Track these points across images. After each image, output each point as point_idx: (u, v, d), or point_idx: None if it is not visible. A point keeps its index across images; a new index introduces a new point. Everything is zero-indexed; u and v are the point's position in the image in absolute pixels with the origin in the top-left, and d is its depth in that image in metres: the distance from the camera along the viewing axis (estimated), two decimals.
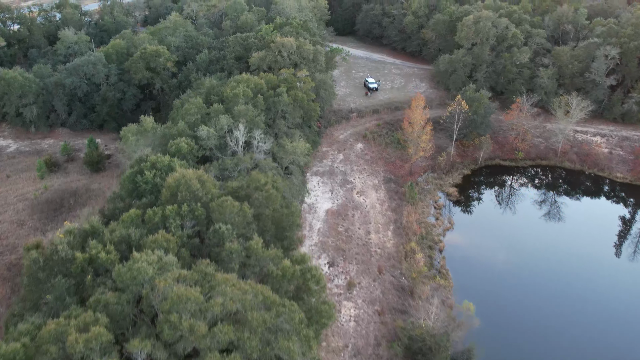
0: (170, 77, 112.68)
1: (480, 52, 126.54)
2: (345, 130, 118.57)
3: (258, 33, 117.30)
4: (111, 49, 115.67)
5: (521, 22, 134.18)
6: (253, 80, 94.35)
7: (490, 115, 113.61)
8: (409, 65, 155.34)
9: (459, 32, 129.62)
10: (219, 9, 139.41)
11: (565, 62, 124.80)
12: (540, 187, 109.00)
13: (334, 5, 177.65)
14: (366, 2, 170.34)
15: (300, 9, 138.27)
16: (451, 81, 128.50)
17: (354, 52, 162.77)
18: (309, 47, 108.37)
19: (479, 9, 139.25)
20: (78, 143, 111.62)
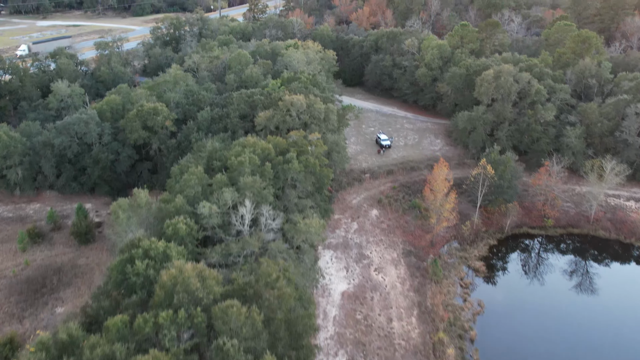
0: (168, 137, 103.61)
1: (501, 109, 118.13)
2: (359, 194, 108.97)
3: (264, 89, 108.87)
4: (105, 105, 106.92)
5: (543, 76, 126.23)
6: (260, 144, 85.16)
7: (518, 180, 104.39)
8: (421, 120, 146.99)
9: (477, 87, 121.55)
10: (222, 60, 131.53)
11: (593, 120, 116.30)
12: (575, 259, 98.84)
13: (341, 55, 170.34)
14: (375, 53, 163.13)
15: (308, 62, 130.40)
16: (471, 140, 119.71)
17: (363, 105, 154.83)
18: (320, 105, 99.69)
19: (497, 62, 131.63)
20: (66, 208, 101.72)
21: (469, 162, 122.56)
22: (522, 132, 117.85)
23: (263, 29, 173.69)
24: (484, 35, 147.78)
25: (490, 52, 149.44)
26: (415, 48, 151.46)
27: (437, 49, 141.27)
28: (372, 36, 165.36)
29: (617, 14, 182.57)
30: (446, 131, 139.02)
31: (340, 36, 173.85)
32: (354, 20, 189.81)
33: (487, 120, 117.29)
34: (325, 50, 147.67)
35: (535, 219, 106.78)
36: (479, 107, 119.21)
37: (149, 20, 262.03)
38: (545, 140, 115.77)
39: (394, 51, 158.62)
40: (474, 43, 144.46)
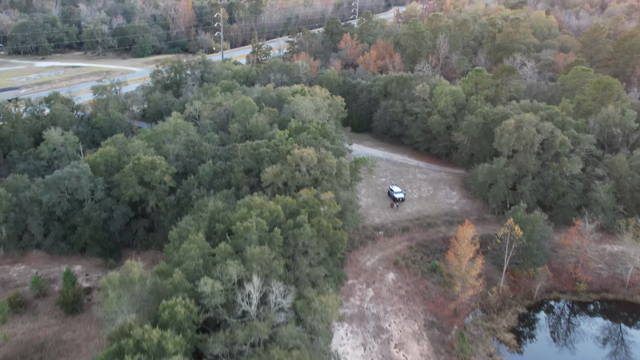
0: (167, 193, 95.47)
1: (524, 161, 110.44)
2: (373, 255, 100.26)
3: (271, 140, 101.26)
4: (99, 157, 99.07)
5: (565, 125, 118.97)
6: (268, 206, 76.93)
7: (547, 241, 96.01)
8: (435, 169, 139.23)
9: (497, 138, 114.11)
10: (225, 107, 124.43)
11: (622, 174, 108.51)
12: (610, 326, 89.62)
13: (348, 100, 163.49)
14: (384, 98, 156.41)
15: (317, 109, 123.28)
16: (491, 194, 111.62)
17: (373, 153, 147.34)
18: (332, 160, 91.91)
19: (516, 110, 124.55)
20: (54, 271, 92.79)
21: (489, 218, 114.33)
22: (546, 186, 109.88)
23: (267, 73, 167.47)
24: (499, 81, 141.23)
25: (506, 98, 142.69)
26: (427, 94, 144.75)
27: (451, 95, 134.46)
28: (381, 81, 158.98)
29: (632, 57, 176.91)
30: (462, 182, 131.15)
31: (347, 80, 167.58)
32: (361, 64, 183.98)
33: (509, 173, 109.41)
34: (333, 96, 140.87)
35: (565, 283, 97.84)
36: (499, 159, 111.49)
37: (149, 61, 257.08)
38: (572, 196, 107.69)
39: (404, 97, 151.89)
40: (489, 89, 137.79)
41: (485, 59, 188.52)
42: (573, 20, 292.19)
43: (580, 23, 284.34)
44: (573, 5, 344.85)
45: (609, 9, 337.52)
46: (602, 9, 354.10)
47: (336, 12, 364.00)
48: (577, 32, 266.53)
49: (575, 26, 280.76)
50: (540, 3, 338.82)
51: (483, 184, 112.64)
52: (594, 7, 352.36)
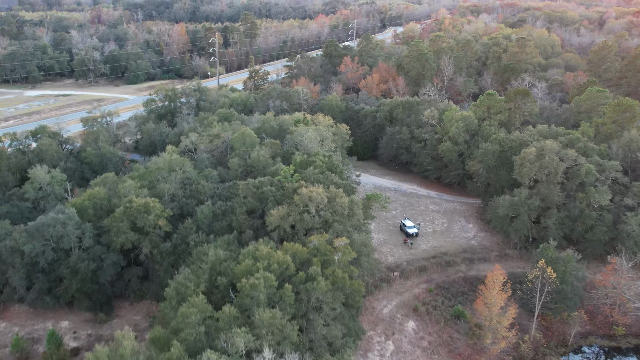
0: (162, 239, 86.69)
1: (548, 192, 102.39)
2: (389, 300, 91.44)
3: (275, 177, 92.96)
4: (87, 200, 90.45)
5: (587, 152, 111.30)
6: (275, 257, 68.43)
7: (581, 282, 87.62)
8: (447, 199, 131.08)
9: (517, 167, 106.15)
10: (224, 140, 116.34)
11: None
12: None
13: (351, 126, 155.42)
14: (390, 124, 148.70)
15: (321, 139, 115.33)
16: (513, 228, 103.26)
17: (380, 182, 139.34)
18: (344, 199, 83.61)
19: (533, 136, 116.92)
20: (38, 329, 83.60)
21: (511, 254, 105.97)
22: (573, 219, 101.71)
23: (266, 100, 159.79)
24: (512, 105, 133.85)
25: (520, 123, 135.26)
26: (435, 119, 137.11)
27: (463, 121, 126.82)
28: (386, 106, 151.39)
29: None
30: (477, 213, 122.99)
31: (350, 106, 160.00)
32: (363, 88, 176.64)
33: (533, 206, 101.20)
34: (337, 124, 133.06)
35: (601, 327, 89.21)
36: (521, 190, 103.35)
37: (143, 88, 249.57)
38: (601, 229, 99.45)
39: (411, 122, 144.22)
40: (502, 114, 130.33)
41: (492, 80, 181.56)
42: (574, 38, 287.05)
43: (582, 40, 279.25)
44: (572, 22, 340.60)
45: (608, 26, 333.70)
46: (600, 26, 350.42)
47: (332, 34, 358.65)
48: (579, 50, 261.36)
49: (577, 44, 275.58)
50: (539, 21, 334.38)
51: (504, 217, 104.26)
52: (592, 24, 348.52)
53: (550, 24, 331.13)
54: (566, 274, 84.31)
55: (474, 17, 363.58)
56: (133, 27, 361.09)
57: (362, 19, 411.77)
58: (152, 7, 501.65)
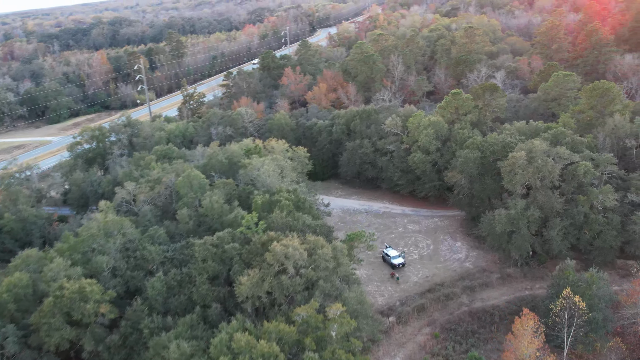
0: (107, 331, 69.37)
1: (546, 200, 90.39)
2: (392, 357, 76.92)
3: (237, 230, 77.04)
4: (5, 293, 71.86)
5: (575, 146, 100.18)
6: (259, 349, 52.79)
7: (610, 304, 75.59)
8: (425, 215, 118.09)
9: (506, 175, 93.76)
10: (167, 185, 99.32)
11: None
12: None
13: (306, 145, 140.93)
14: (349, 138, 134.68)
15: (281, 170, 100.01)
16: (514, 245, 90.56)
17: (346, 204, 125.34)
18: (326, 249, 68.62)
19: (512, 134, 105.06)
20: None
21: (513, 273, 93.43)
22: (578, 226, 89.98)
23: (207, 127, 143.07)
24: (481, 103, 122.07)
25: (491, 120, 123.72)
26: (399, 127, 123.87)
27: (432, 127, 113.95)
28: (341, 118, 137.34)
29: (601, 53, 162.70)
30: (462, 227, 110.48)
31: (301, 122, 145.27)
32: (311, 100, 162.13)
33: (533, 217, 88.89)
34: (293, 147, 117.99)
35: (636, 350, 77.42)
36: (516, 202, 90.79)
37: (67, 127, 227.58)
38: (611, 234, 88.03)
39: (372, 133, 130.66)
40: (473, 114, 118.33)
41: (445, 76, 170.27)
42: (510, 20, 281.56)
43: (519, 22, 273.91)
44: (503, 5, 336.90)
45: (538, 4, 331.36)
46: (530, 5, 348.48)
47: (263, 44, 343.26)
48: (519, 33, 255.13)
49: (515, 26, 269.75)
50: (471, 7, 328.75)
51: (502, 234, 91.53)
52: (522, 4, 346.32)
53: (482, 8, 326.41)
54: (594, 298, 72.01)
55: (405, 10, 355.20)
56: (50, 60, 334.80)
57: (291, 24, 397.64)
58: (69, 36, 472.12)
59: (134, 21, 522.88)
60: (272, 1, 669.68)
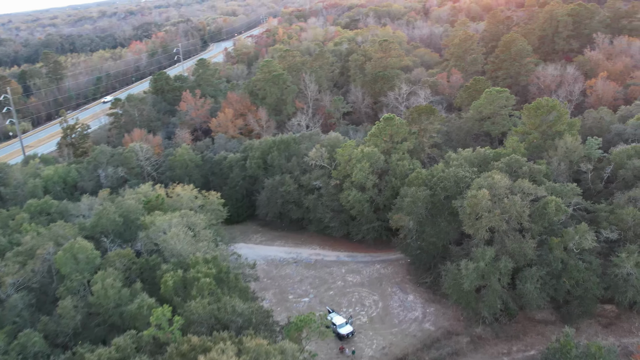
0: None
1: (516, 246, 76.47)
2: None
3: (145, 334, 56.05)
4: None
5: (534, 175, 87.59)
6: None
7: None
8: (363, 261, 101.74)
9: (468, 219, 79.01)
10: (44, 258, 75.57)
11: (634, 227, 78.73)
12: None
13: (215, 183, 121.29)
14: (266, 173, 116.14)
15: (193, 230, 79.46)
16: (485, 303, 75.68)
17: (271, 253, 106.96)
18: (275, 357, 49.61)
19: (460, 164, 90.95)
20: None
21: (484, 334, 78.47)
22: (556, 275, 76.69)
23: (94, 169, 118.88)
24: (417, 128, 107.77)
25: (429, 146, 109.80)
26: (325, 160, 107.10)
27: (366, 159, 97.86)
28: (256, 150, 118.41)
29: (522, 64, 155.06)
30: (409, 274, 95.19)
31: (207, 157, 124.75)
32: (216, 129, 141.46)
33: (506, 269, 74.57)
34: (203, 193, 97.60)
35: None
36: (484, 251, 76.00)
37: None
38: (593, 281, 75.46)
39: (294, 167, 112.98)
40: (409, 141, 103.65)
41: (362, 94, 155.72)
42: (412, 31, 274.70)
43: (422, 33, 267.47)
44: (401, 15, 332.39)
45: (434, 14, 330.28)
46: (425, 15, 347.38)
47: (153, 62, 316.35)
48: (424, 44, 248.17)
49: (418, 37, 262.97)
50: (369, 18, 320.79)
51: (470, 291, 76.40)
52: (419, 14, 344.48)
53: (380, 19, 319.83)
54: None
55: (303, 22, 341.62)
56: None
57: (182, 39, 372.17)
58: None
59: (5, 40, 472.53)
60: (158, 15, 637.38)
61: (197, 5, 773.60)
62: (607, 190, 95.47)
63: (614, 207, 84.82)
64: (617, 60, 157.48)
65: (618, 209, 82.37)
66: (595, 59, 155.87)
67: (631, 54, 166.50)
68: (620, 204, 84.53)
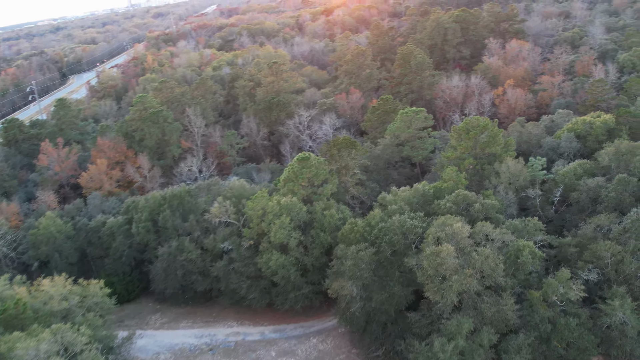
0: None
1: (495, 312, 61.76)
2: None
3: None
4: None
5: (487, 212, 74.05)
6: None
7: None
8: (295, 335, 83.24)
9: (431, 282, 63.26)
10: None
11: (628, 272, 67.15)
12: None
13: (94, 254, 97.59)
14: (158, 238, 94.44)
15: (68, 351, 56.96)
16: None
17: (176, 339, 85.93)
18: None
19: (397, 208, 75.42)
20: None
21: None
22: (545, 338, 62.77)
23: None
24: (338, 166, 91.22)
25: (352, 184, 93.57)
26: (232, 215, 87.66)
27: (286, 212, 79.77)
28: (142, 211, 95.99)
29: (423, 77, 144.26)
30: (355, 346, 77.98)
31: (81, 224, 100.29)
32: (88, 185, 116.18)
33: (490, 343, 59.45)
34: (81, 282, 74.57)
35: None
36: (459, 323, 60.43)
37: None
38: (587, 338, 62.40)
39: (193, 228, 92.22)
40: (331, 183, 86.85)
41: (257, 125, 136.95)
42: (291, 49, 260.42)
43: (302, 50, 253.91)
44: (275, 33, 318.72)
45: (309, 29, 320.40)
46: (300, 30, 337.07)
47: (5, 104, 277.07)
48: (307, 61, 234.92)
49: (300, 55, 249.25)
50: (243, 37, 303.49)
51: None
52: (293, 30, 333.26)
53: (254, 38, 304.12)
54: None
55: (172, 46, 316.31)
56: None
57: (36, 74, 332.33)
58: None
59: None
60: (7, 49, 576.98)
61: (51, 35, 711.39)
62: (560, 216, 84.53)
63: (581, 239, 73.19)
64: (513, 65, 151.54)
65: (591, 243, 70.46)
66: (495, 65, 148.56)
67: (523, 56, 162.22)
68: (587, 235, 73.00)
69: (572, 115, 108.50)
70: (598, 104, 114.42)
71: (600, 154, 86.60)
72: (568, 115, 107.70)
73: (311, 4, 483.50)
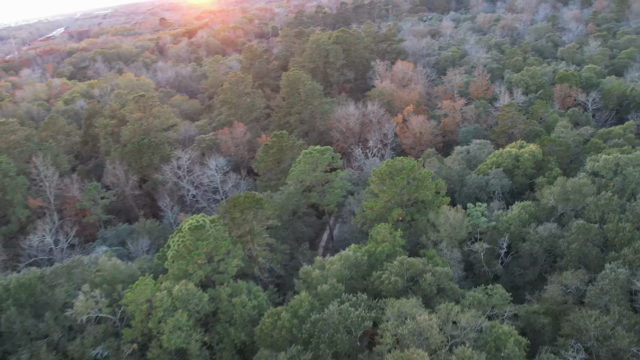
0: None
1: None
2: None
3: None
4: None
5: (442, 282, 59.50)
6: None
7: None
8: None
9: None
10: None
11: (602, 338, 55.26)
12: None
13: None
14: (2, 347, 69.47)
15: None
16: None
17: None
18: None
19: (334, 287, 58.68)
20: None
21: None
22: None
23: None
24: (243, 231, 72.14)
25: (260, 252, 74.80)
26: (105, 308, 65.63)
27: (182, 306, 59.63)
28: None
29: (314, 105, 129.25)
30: None
31: None
32: None
33: None
34: None
35: None
36: None
37: None
38: None
39: (52, 329, 68.48)
40: (236, 256, 67.80)
41: (125, 173, 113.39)
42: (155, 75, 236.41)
43: (167, 76, 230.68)
44: (134, 58, 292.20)
45: (172, 52, 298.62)
46: (161, 53, 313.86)
47: None
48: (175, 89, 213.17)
49: (165, 81, 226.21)
50: (97, 63, 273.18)
51: None
52: (154, 54, 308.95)
53: (110, 64, 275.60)
54: None
55: (14, 76, 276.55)
56: None
57: None
58: None
59: None
60: None
61: None
62: (508, 271, 72.35)
63: (549, 305, 60.83)
64: (406, 89, 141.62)
65: (564, 310, 58.14)
66: (389, 89, 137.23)
67: (409, 78, 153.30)
68: (556, 299, 60.80)
69: (489, 144, 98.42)
70: (509, 129, 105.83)
71: (542, 194, 75.82)
72: (485, 145, 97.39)
73: (170, 25, 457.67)
